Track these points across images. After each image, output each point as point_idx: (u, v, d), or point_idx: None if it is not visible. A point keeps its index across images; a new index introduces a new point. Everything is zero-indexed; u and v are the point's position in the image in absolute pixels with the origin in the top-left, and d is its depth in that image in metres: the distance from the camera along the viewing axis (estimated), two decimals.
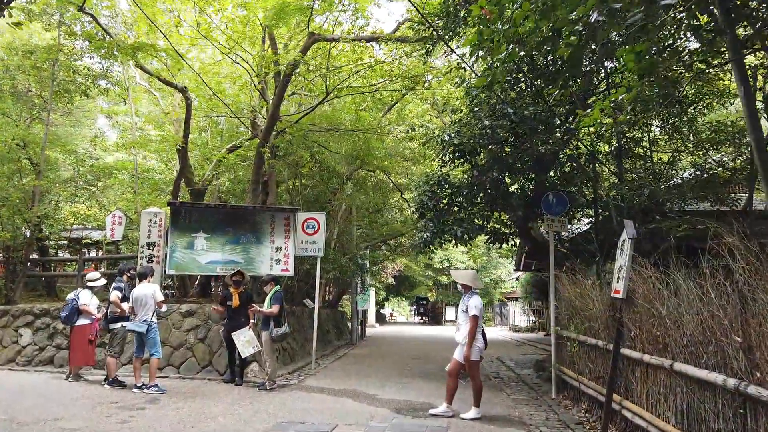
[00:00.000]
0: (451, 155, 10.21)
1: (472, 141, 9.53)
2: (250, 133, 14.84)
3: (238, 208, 12.10)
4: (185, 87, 11.57)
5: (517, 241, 14.56)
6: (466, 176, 11.03)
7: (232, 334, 9.72)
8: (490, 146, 9.92)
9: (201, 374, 10.74)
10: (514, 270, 29.39)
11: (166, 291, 14.48)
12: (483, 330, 7.88)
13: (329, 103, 14.52)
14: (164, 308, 9.08)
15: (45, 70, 13.24)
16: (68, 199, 14.70)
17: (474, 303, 7.57)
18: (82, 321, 9.60)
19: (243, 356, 9.71)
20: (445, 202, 10.92)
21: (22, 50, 13.00)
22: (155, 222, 12.15)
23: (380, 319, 44.02)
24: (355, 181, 18.43)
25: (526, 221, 11.35)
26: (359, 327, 21.42)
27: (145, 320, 8.71)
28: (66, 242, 16.97)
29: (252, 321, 9.61)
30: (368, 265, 19.71)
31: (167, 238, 11.69)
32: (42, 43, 13.32)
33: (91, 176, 15.52)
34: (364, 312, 23.45)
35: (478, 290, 8.07)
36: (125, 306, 8.96)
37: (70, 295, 9.78)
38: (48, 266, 14.91)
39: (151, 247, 12.07)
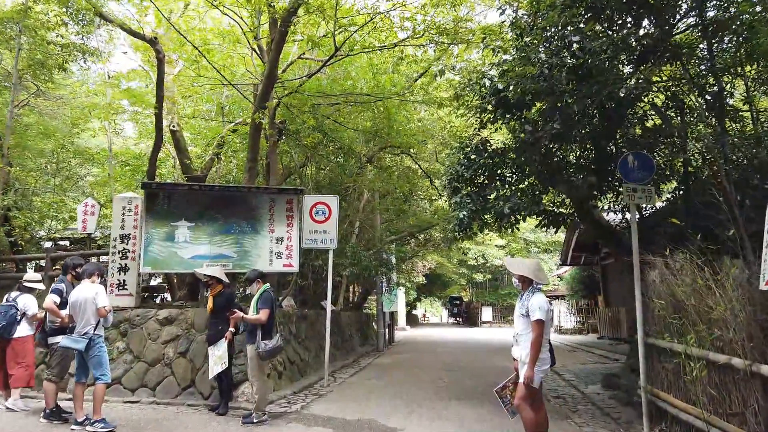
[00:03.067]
0: (493, 109, 7.76)
1: (520, 88, 7.04)
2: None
3: (229, 190, 9.86)
4: (155, 38, 9.38)
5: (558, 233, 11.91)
6: (512, 138, 8.54)
7: (208, 347, 7.54)
8: (546, 94, 7.42)
9: (181, 397, 8.54)
10: (560, 264, 26.59)
11: (154, 294, 12.28)
12: (550, 342, 5.48)
13: (342, 68, 12.18)
14: (110, 318, 6.86)
15: (9, 38, 11.26)
16: (39, 188, 12.79)
17: (537, 303, 5.24)
18: (23, 332, 7.48)
19: (210, 375, 7.50)
20: (485, 173, 8.47)
21: None
22: (130, 210, 9.99)
23: (412, 320, 41.60)
24: (378, 166, 16.04)
25: (588, 198, 8.77)
26: (386, 331, 19.03)
27: (85, 333, 6.49)
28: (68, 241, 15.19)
29: (231, 330, 7.35)
30: (394, 262, 17.31)
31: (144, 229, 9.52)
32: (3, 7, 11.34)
33: (75, 163, 13.62)
34: (392, 314, 21.06)
35: (542, 286, 5.62)
36: (64, 313, 6.78)
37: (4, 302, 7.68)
38: (21, 266, 13.00)
39: (125, 240, 9.91)
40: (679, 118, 7.98)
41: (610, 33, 7.51)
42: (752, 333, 4.57)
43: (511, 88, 6.89)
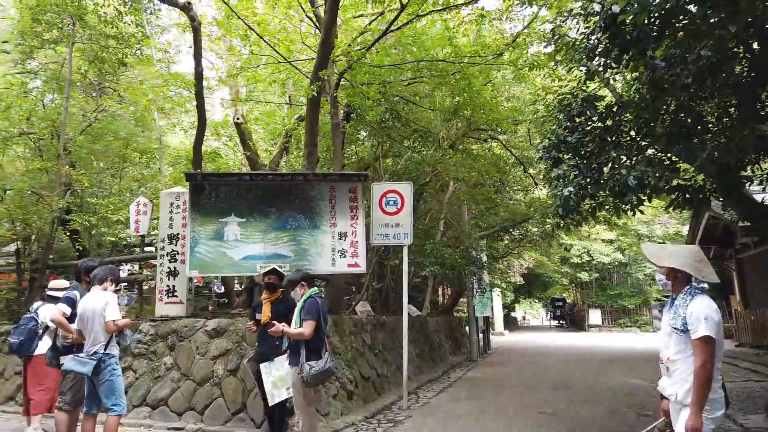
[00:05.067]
0: (605, 48, 5.73)
1: (645, 10, 4.98)
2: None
3: (282, 178, 8.46)
4: (189, 2, 8.17)
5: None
6: (631, 90, 6.43)
7: (261, 365, 6.03)
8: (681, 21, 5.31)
9: (230, 423, 7.23)
10: None
11: (213, 299, 11.15)
12: (721, 373, 3.47)
13: (412, 35, 10.46)
14: (129, 336, 5.59)
15: (64, 25, 10.65)
16: (101, 189, 12.20)
17: (702, 311, 3.33)
18: (45, 348, 6.41)
19: (270, 402, 5.98)
20: (595, 137, 6.42)
21: (35, 6, 10.49)
22: (178, 206, 8.92)
23: (510, 323, 39.01)
24: (463, 151, 14.15)
25: (737, 164, 6.42)
26: (479, 338, 17.02)
27: (94, 353, 5.23)
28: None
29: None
30: (485, 260, 15.32)
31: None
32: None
33: (141, 161, 13.01)
34: (486, 319, 18.98)
35: (706, 285, 3.58)
36: (75, 328, 5.58)
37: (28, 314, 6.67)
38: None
39: (174, 241, 8.83)
40: None
41: None
42: None
43: (635, 6, 4.84)
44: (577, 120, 6.49)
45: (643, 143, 6.44)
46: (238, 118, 12.46)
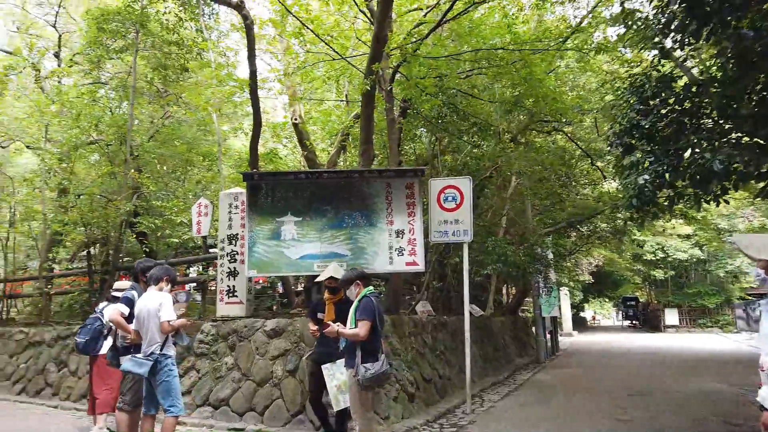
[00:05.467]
0: (682, 19, 5.20)
1: None
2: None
3: (338, 176, 8.31)
4: (241, 1, 8.15)
5: None
6: (714, 69, 5.83)
7: (322, 367, 5.85)
8: None
9: (290, 425, 7.13)
10: None
11: (277, 299, 11.16)
12: None
13: (469, 25, 10.08)
14: (185, 338, 5.58)
15: (127, 32, 10.99)
16: (165, 191, 12.50)
17: None
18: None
19: (335, 408, 5.79)
20: (672, 121, 5.86)
21: (100, 17, 10.87)
22: (236, 207, 8.95)
23: (579, 324, 37.59)
24: (525, 144, 13.59)
25: None
26: (547, 339, 16.35)
27: (150, 354, 5.23)
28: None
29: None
30: (551, 258, 14.66)
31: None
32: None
33: (203, 164, 13.29)
34: (553, 319, 18.23)
35: None
36: (133, 328, 5.61)
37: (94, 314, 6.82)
38: None
39: (233, 241, 8.86)
40: None
41: None
42: None
43: None
44: (651, 102, 5.97)
45: (727, 126, 5.83)
46: (295, 119, 12.48)
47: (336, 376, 5.77)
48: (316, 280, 6.79)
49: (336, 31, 9.94)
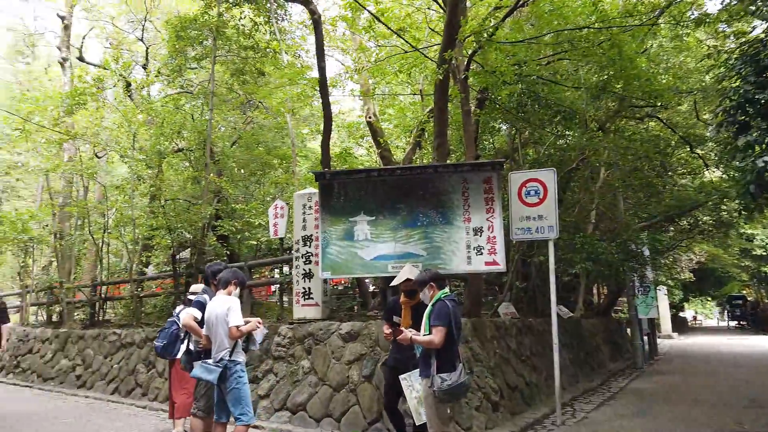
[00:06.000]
0: None
1: None
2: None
3: (411, 172, 7.93)
4: None
5: None
6: None
7: (400, 377, 5.46)
8: None
9: None
10: None
11: (357, 300, 10.95)
12: None
13: (549, 11, 9.37)
14: (258, 339, 5.40)
15: (204, 39, 11.22)
16: (240, 192, 12.67)
17: None
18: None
19: (417, 422, 5.38)
20: None
21: (178, 25, 11.16)
22: (310, 207, 8.83)
23: (679, 325, 34.97)
24: (615, 132, 12.58)
25: None
26: (644, 342, 15.14)
27: (220, 360, 5.10)
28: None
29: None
30: (648, 254, 13.51)
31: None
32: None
33: (281, 167, 13.36)
34: (651, 320, 16.88)
35: None
36: (204, 333, 5.52)
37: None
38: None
39: (308, 243, 8.74)
40: None
41: None
42: None
43: None
44: None
45: None
46: (369, 117, 12.28)
47: (415, 386, 5.36)
48: (391, 284, 6.44)
49: (408, 23, 9.57)
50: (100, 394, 10.66)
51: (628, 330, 16.43)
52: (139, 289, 12.28)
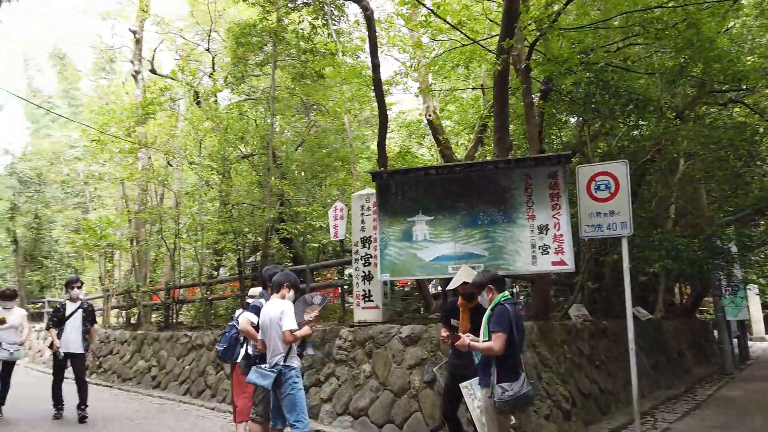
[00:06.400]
0: None
1: None
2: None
3: (470, 169, 7.59)
4: None
5: None
6: None
7: (460, 386, 5.19)
8: None
9: None
10: None
11: (422, 302, 10.73)
12: None
13: None
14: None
15: (264, 44, 11.37)
16: (302, 195, 12.71)
17: None
18: None
19: (479, 430, 5.09)
20: None
21: (239, 32, 11.36)
22: (368, 208, 8.69)
23: None
24: (694, 121, 11.66)
25: None
26: (733, 345, 14.00)
27: (275, 365, 5.02)
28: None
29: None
30: (735, 251, 12.45)
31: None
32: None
33: (342, 168, 13.33)
34: (741, 322, 15.59)
35: None
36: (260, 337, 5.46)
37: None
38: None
39: (367, 244, 8.61)
40: None
41: None
42: None
43: None
44: None
45: None
46: (429, 115, 12.04)
47: (477, 394, 5.08)
48: (447, 288, 6.16)
49: (465, 16, 9.25)
50: (173, 394, 10.98)
51: (716, 332, 15.26)
52: (209, 292, 12.59)
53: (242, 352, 6.55)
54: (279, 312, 5.03)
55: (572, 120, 11.76)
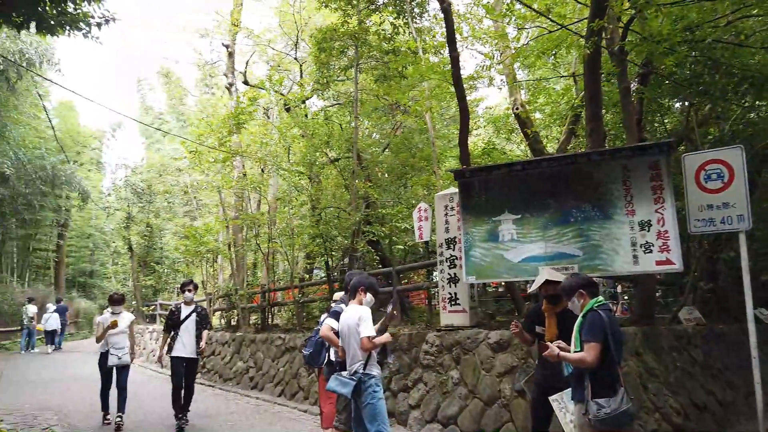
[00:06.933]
0: None
1: None
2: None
3: (559, 162, 7.04)
4: None
5: None
6: None
7: (550, 399, 4.79)
8: None
9: None
10: None
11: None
12: None
13: None
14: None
15: (347, 48, 11.42)
16: (387, 197, 12.53)
17: None
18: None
19: None
20: None
21: (321, 38, 11.47)
22: (452, 208, 8.39)
23: None
24: None
25: None
26: None
27: (354, 372, 4.88)
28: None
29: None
30: None
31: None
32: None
33: (427, 168, 13.07)
34: None
35: None
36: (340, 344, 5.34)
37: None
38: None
39: (452, 246, 8.31)
40: None
41: None
42: None
43: None
44: None
45: None
46: (516, 108, 11.50)
47: (569, 408, 4.64)
48: (529, 290, 5.75)
49: (551, 0, 8.68)
50: (269, 395, 11.25)
51: None
52: (301, 295, 12.82)
53: (327, 356, 6.53)
54: (356, 318, 4.88)
55: (677, 105, 10.73)
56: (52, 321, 19.79)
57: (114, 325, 8.12)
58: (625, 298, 11.65)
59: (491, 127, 14.13)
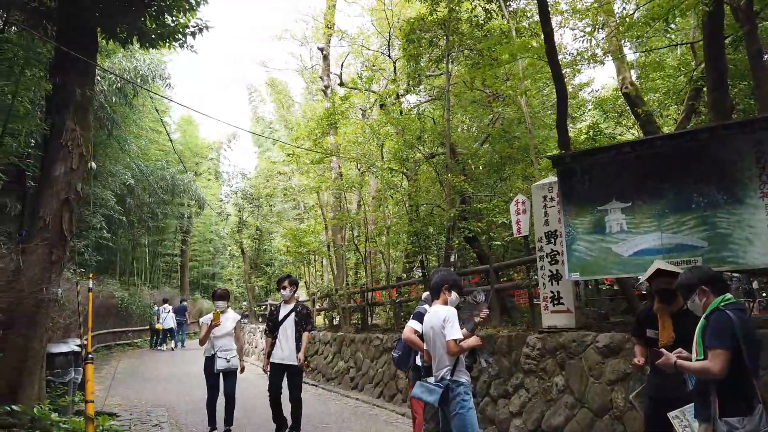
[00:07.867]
0: None
1: None
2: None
3: (676, 141, 6.11)
4: None
5: None
6: None
7: (669, 416, 4.04)
8: None
9: None
10: None
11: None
12: None
13: None
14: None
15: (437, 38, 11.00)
16: (483, 191, 11.78)
17: None
18: None
19: None
20: None
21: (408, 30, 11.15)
22: (551, 198, 7.68)
23: None
24: None
25: None
26: None
27: (441, 379, 4.45)
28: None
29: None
30: None
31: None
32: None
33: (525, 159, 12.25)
34: None
35: None
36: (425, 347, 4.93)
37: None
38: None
39: (552, 239, 7.60)
40: None
41: None
42: None
43: None
44: None
45: None
46: (625, 87, 10.44)
47: (693, 427, 3.87)
48: (638, 283, 4.99)
49: None
50: (368, 396, 11.09)
51: None
52: (398, 295, 12.55)
53: (414, 361, 6.16)
54: (441, 320, 4.45)
55: None
56: (168, 320, 21.33)
57: (216, 319, 7.34)
58: (764, 295, 10.13)
59: (598, 112, 12.99)
